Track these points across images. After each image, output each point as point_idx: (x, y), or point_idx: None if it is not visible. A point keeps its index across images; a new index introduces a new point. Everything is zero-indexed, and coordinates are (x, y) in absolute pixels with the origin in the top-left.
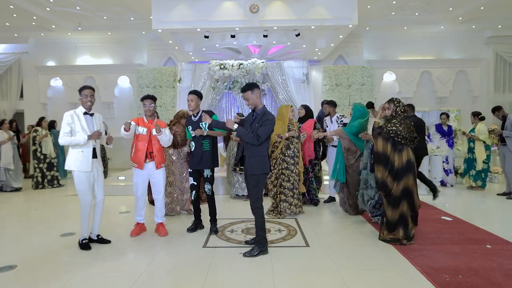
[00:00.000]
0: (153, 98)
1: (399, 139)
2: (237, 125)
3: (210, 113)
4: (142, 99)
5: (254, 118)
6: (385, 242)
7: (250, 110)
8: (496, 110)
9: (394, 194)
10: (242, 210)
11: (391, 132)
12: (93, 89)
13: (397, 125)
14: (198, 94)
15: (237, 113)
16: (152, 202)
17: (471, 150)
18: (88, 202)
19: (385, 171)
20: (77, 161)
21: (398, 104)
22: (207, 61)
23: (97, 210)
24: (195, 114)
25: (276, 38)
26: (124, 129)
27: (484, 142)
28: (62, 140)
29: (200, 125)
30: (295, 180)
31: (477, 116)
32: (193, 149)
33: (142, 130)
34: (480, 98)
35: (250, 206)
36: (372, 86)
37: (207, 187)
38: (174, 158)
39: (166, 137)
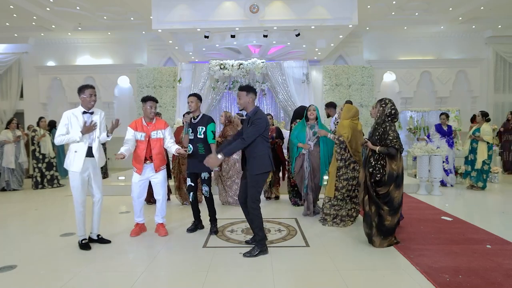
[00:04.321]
0: (156, 101)
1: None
2: (221, 155)
3: (209, 120)
4: (145, 100)
5: (247, 121)
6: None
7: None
8: None
9: (396, 201)
10: (242, 211)
11: (397, 142)
12: (94, 87)
13: (396, 131)
14: (198, 96)
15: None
16: (148, 202)
17: (473, 150)
18: (80, 201)
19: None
20: (69, 160)
21: (384, 106)
22: (207, 61)
23: (95, 210)
24: (195, 117)
25: (276, 38)
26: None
27: (487, 142)
28: (56, 140)
29: (198, 129)
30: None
31: (485, 116)
32: (190, 151)
33: (140, 136)
34: (480, 98)
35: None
36: (372, 86)
37: (204, 189)
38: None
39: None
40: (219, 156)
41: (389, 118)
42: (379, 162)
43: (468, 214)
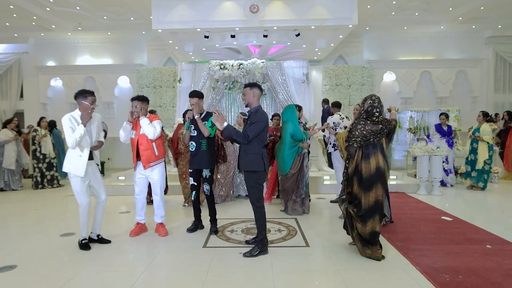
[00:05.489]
0: (139, 99)
1: (366, 144)
2: (226, 123)
3: (208, 114)
4: (131, 100)
5: (248, 117)
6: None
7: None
8: None
9: (364, 206)
10: (242, 210)
11: (355, 139)
12: (94, 94)
13: (361, 129)
14: (199, 96)
15: (241, 113)
16: (149, 202)
17: (474, 151)
18: (85, 203)
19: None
20: (72, 164)
21: (364, 102)
22: (207, 61)
23: (99, 210)
24: (199, 114)
25: (276, 38)
26: (128, 120)
27: (487, 142)
28: (70, 142)
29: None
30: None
31: (486, 117)
32: (193, 149)
33: (132, 134)
34: (480, 98)
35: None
36: (372, 86)
37: (205, 187)
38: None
39: (150, 128)
40: (225, 124)
41: (365, 116)
42: (347, 161)
43: (468, 214)
